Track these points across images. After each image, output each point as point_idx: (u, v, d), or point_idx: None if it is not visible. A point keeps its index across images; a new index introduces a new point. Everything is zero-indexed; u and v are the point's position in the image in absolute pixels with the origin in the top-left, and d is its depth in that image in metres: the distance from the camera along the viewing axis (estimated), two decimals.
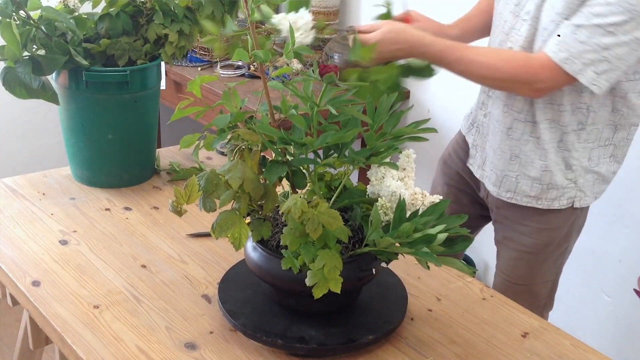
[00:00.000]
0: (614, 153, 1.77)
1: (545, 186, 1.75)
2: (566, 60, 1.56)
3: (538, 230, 1.81)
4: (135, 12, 1.74)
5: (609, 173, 1.79)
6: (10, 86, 1.59)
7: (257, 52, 1.21)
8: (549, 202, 1.77)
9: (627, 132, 1.74)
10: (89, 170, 1.80)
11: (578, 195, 1.77)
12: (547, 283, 1.89)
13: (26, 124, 3.21)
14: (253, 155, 1.25)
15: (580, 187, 1.77)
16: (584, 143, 1.72)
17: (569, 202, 1.78)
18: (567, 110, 1.68)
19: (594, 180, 1.77)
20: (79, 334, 1.30)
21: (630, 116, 1.71)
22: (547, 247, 1.82)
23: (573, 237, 1.88)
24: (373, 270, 1.26)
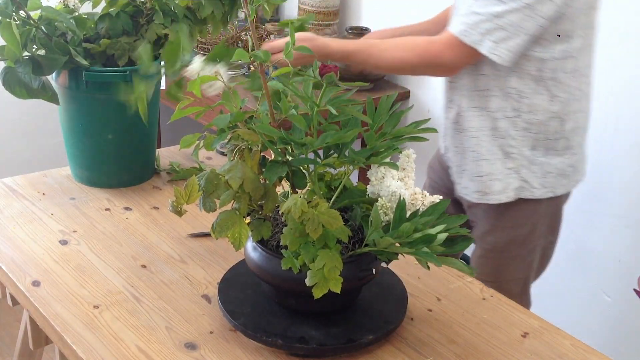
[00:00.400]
0: (569, 145, 1.76)
1: (486, 177, 1.75)
2: (464, 32, 1.60)
3: (500, 229, 1.81)
4: (135, 12, 1.74)
5: (566, 166, 1.77)
6: (10, 86, 1.59)
7: (257, 52, 1.21)
8: (496, 195, 1.76)
9: (576, 120, 1.73)
10: (89, 170, 1.80)
11: (524, 186, 1.76)
12: (517, 281, 1.89)
13: (26, 124, 3.21)
14: (253, 155, 1.25)
15: (524, 177, 1.75)
16: (523, 132, 1.72)
17: (516, 195, 1.76)
18: (495, 96, 1.69)
19: (543, 173, 1.75)
20: (79, 334, 1.30)
21: (571, 102, 1.70)
22: (509, 245, 1.82)
23: (542, 234, 1.85)
24: (373, 270, 1.26)
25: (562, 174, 1.78)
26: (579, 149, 1.80)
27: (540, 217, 1.82)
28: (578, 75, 1.70)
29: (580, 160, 1.82)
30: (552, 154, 1.75)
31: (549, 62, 1.64)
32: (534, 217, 1.81)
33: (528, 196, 1.78)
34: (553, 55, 1.64)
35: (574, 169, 1.80)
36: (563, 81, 1.67)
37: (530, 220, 1.81)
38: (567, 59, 1.66)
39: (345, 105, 1.25)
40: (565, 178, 1.79)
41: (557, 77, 1.66)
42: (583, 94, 1.75)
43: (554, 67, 1.65)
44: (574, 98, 1.71)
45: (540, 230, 1.85)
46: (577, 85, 1.71)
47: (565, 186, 1.81)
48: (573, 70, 1.68)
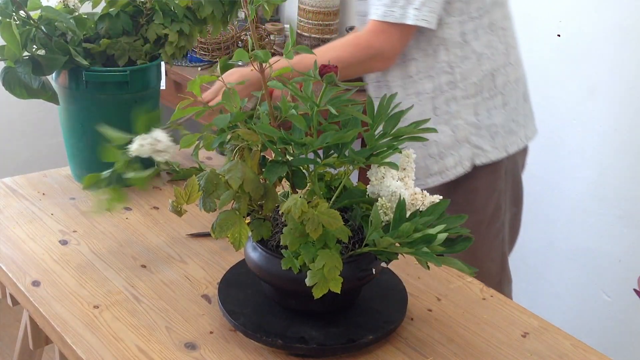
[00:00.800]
0: (505, 101, 1.78)
1: (437, 157, 1.77)
2: (385, 13, 1.61)
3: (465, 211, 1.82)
4: (135, 12, 1.74)
5: (509, 122, 1.80)
6: (10, 86, 1.59)
7: (257, 52, 1.21)
8: (451, 170, 1.78)
9: (506, 74, 1.76)
10: (89, 170, 1.79)
11: (477, 152, 1.78)
12: (494, 260, 1.90)
13: (26, 124, 3.22)
14: (253, 155, 1.25)
15: (475, 143, 1.77)
16: (463, 100, 1.74)
17: (471, 163, 1.78)
18: (429, 77, 1.71)
19: (492, 134, 1.78)
20: (79, 334, 1.30)
21: (497, 56, 1.73)
22: (477, 226, 1.82)
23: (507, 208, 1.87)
24: (373, 270, 1.26)
25: (508, 131, 1.81)
26: (517, 102, 1.82)
27: (500, 193, 1.84)
28: (496, 29, 1.74)
29: (522, 114, 1.85)
30: (493, 113, 1.78)
31: (468, 24, 1.67)
32: (494, 196, 1.83)
33: (484, 161, 1.80)
34: (470, 15, 1.67)
35: (517, 123, 1.83)
36: (484, 37, 1.70)
37: (490, 201, 1.82)
38: (482, 15, 1.69)
39: (345, 105, 1.25)
40: (513, 134, 1.83)
41: (479, 35, 1.69)
42: (506, 46, 1.78)
43: (474, 27, 1.68)
44: (499, 52, 1.74)
45: (505, 204, 1.86)
46: (498, 39, 1.75)
47: (517, 143, 1.84)
48: (490, 24, 1.72)
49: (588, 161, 2.44)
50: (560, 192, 2.54)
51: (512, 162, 1.87)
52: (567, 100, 2.45)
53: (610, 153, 2.37)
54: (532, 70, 2.52)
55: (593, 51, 2.36)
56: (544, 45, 2.48)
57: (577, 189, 2.49)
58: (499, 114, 1.79)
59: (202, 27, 1.80)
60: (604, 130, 2.38)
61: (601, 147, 2.39)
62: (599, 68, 2.36)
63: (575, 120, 2.45)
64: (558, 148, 2.50)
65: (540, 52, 2.49)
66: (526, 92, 1.89)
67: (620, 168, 2.35)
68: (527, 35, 2.53)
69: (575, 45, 2.40)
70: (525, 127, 1.87)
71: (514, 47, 1.82)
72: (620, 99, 2.32)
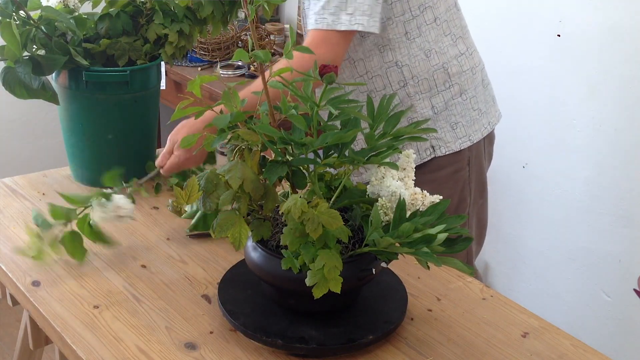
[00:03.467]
0: (463, 89, 1.79)
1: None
2: (317, 22, 1.60)
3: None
4: (135, 12, 1.74)
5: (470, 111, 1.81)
6: (10, 86, 1.59)
7: (257, 52, 1.21)
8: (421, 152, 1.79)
9: (459, 65, 1.77)
10: (89, 170, 1.80)
11: (437, 144, 1.79)
12: (459, 258, 1.90)
13: (26, 124, 3.22)
14: (253, 155, 1.25)
15: (433, 135, 1.78)
16: (417, 95, 1.75)
17: (430, 154, 1.79)
18: (377, 75, 1.72)
19: (452, 125, 1.79)
20: (79, 334, 1.30)
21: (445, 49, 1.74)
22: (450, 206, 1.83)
23: (472, 201, 1.88)
24: (373, 270, 1.26)
25: (469, 120, 1.82)
26: (476, 90, 1.82)
27: (465, 174, 1.83)
28: (440, 22, 1.75)
29: (482, 101, 1.85)
30: (450, 103, 1.78)
31: (411, 22, 1.68)
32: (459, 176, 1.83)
33: (445, 152, 1.81)
34: (412, 13, 1.67)
35: (479, 111, 1.84)
36: (429, 33, 1.71)
37: (455, 189, 1.82)
38: (425, 11, 1.70)
39: (345, 105, 1.25)
40: (476, 122, 1.83)
41: (423, 32, 1.70)
42: (454, 37, 1.78)
43: (417, 25, 1.69)
44: (447, 44, 1.75)
45: (470, 196, 1.86)
46: (444, 32, 1.75)
47: (480, 130, 1.85)
48: (434, 19, 1.73)
49: (588, 161, 2.44)
50: (560, 192, 2.54)
51: (476, 151, 1.86)
52: (567, 100, 2.45)
53: (610, 153, 2.37)
54: (532, 70, 2.53)
55: (593, 51, 2.36)
56: (544, 45, 2.48)
57: (577, 189, 2.49)
58: (456, 103, 1.79)
59: (202, 27, 1.80)
60: (604, 130, 2.38)
61: (601, 147, 2.39)
62: (599, 68, 2.36)
63: (575, 120, 2.45)
64: (558, 148, 2.50)
65: (540, 52, 2.49)
66: (485, 79, 1.89)
67: (620, 168, 2.35)
68: (527, 35, 2.53)
69: (575, 45, 2.40)
70: (487, 114, 1.87)
71: (463, 37, 1.82)
72: (620, 99, 2.32)
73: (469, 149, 1.83)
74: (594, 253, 2.48)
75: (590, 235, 2.47)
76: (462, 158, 1.83)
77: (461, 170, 1.84)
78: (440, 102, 1.78)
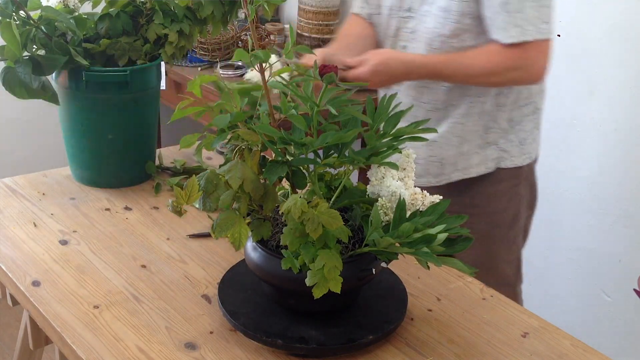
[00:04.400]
0: (536, 109, 1.84)
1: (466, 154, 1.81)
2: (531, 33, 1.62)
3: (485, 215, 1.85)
4: (135, 12, 1.74)
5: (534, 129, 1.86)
6: (10, 86, 1.59)
7: (257, 52, 1.21)
8: (474, 168, 1.82)
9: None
10: (89, 170, 1.80)
11: (503, 155, 1.82)
12: (511, 262, 1.93)
13: (26, 124, 3.22)
14: (253, 155, 1.25)
15: (502, 147, 1.82)
16: (503, 107, 1.78)
17: (496, 164, 1.83)
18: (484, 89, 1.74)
19: (520, 140, 1.83)
20: (79, 334, 1.30)
21: None
22: (499, 228, 1.87)
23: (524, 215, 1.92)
24: (373, 270, 1.26)
25: (534, 137, 1.87)
26: (542, 109, 1.88)
27: (521, 198, 1.87)
28: None
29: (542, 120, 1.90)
30: (525, 120, 1.83)
31: None
32: (516, 200, 1.86)
33: (508, 165, 1.84)
34: None
35: (539, 131, 1.89)
36: None
37: (511, 203, 1.86)
38: None
39: (345, 105, 1.25)
40: (535, 141, 1.88)
41: None
42: None
43: None
44: None
45: (523, 209, 1.90)
46: None
47: (536, 149, 1.90)
48: None
49: (588, 161, 2.44)
50: (560, 192, 2.54)
51: (530, 168, 1.91)
52: (567, 100, 2.45)
53: (610, 153, 2.37)
54: None
55: (593, 51, 2.36)
56: None
57: (577, 189, 2.49)
58: (529, 120, 1.84)
59: (202, 27, 1.80)
60: (604, 130, 2.38)
61: (601, 147, 2.39)
62: (599, 68, 2.36)
63: (575, 120, 2.45)
64: (558, 148, 2.50)
65: None
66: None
67: (621, 168, 2.35)
68: None
69: (575, 45, 2.40)
70: (540, 134, 1.93)
71: None
72: (620, 99, 2.32)
73: (528, 165, 1.88)
74: (594, 253, 2.48)
75: (590, 235, 2.47)
76: (521, 173, 1.87)
77: (518, 185, 1.87)
78: (518, 116, 1.81)
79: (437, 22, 1.72)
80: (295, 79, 1.27)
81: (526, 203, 1.91)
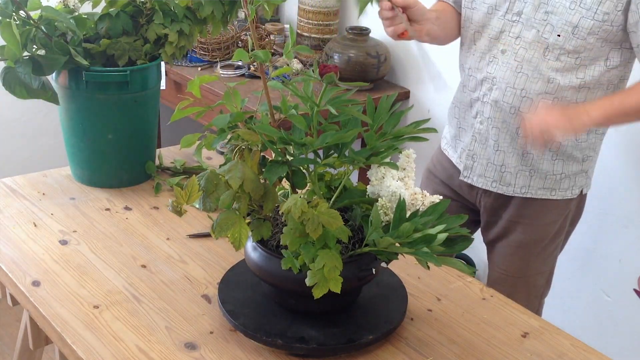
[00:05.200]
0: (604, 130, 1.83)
1: (558, 175, 1.78)
2: None
3: (533, 226, 1.84)
4: (135, 12, 1.74)
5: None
6: (10, 86, 1.59)
7: (257, 52, 1.21)
8: (562, 192, 1.81)
9: None
10: (89, 170, 1.80)
11: (587, 182, 1.84)
12: (543, 273, 1.93)
13: (26, 124, 3.21)
14: (253, 155, 1.25)
15: (588, 173, 1.83)
16: (602, 135, 1.78)
17: (579, 190, 1.83)
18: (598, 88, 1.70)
19: (594, 164, 1.84)
20: (79, 334, 1.30)
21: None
22: (541, 241, 1.86)
23: (568, 229, 1.92)
24: (373, 270, 1.26)
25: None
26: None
27: (570, 212, 1.87)
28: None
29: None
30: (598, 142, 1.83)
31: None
32: (567, 213, 1.86)
33: (586, 191, 1.86)
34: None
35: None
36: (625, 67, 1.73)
37: (562, 215, 1.85)
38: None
39: (345, 105, 1.25)
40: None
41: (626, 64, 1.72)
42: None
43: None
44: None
45: (568, 225, 1.91)
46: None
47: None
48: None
49: None
50: None
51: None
52: None
53: (611, 153, 2.36)
54: None
55: None
56: None
57: None
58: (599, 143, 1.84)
59: (202, 27, 1.80)
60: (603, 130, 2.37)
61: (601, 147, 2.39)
62: None
63: None
64: None
65: None
66: None
67: (621, 169, 2.35)
68: None
69: None
70: None
71: None
72: None
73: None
74: (594, 253, 2.48)
75: (590, 235, 2.47)
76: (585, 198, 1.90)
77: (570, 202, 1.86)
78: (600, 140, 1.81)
79: (560, 36, 1.62)
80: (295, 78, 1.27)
81: (571, 218, 1.90)
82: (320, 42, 2.92)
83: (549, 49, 1.65)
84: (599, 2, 1.58)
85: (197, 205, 1.25)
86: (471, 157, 1.84)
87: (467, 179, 1.86)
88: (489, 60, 1.73)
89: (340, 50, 2.71)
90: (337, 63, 2.69)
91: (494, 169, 1.81)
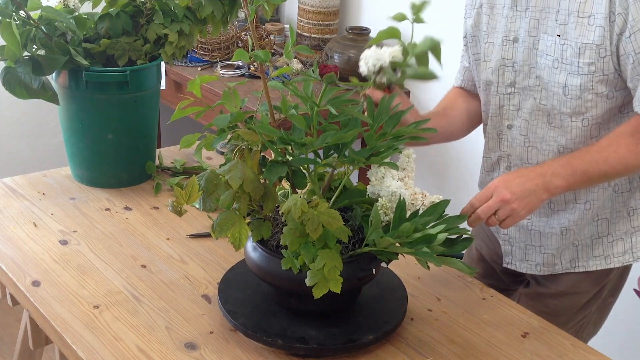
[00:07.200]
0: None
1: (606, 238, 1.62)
2: None
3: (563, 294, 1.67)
4: (135, 12, 1.74)
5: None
6: (10, 86, 1.59)
7: (257, 52, 1.21)
8: (618, 257, 1.63)
9: None
10: (89, 170, 1.80)
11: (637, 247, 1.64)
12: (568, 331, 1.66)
13: (26, 124, 3.21)
14: (253, 155, 1.25)
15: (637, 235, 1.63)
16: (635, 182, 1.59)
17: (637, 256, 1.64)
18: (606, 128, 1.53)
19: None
20: (79, 334, 1.30)
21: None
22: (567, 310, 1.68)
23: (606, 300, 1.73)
24: (373, 270, 1.26)
25: None
26: None
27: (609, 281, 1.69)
28: None
29: None
30: None
31: None
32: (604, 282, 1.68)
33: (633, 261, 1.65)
34: None
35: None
36: None
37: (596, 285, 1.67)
38: None
39: (345, 105, 1.25)
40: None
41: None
42: None
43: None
44: None
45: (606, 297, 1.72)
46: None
47: None
48: None
49: None
50: None
51: None
52: None
53: None
54: None
55: None
56: None
57: None
58: None
59: (202, 27, 1.80)
60: None
61: None
62: None
63: None
64: None
65: None
66: None
67: None
68: None
69: None
70: None
71: None
72: None
73: None
74: None
75: None
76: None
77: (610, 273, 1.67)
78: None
79: (554, 99, 1.49)
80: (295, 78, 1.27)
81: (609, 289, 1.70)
82: (320, 42, 2.92)
83: (551, 116, 1.52)
84: (577, 53, 1.43)
85: (197, 205, 1.25)
86: (508, 242, 1.70)
87: (510, 265, 1.70)
88: (499, 138, 1.61)
89: (340, 50, 2.71)
90: (337, 63, 2.69)
91: (534, 251, 1.66)
